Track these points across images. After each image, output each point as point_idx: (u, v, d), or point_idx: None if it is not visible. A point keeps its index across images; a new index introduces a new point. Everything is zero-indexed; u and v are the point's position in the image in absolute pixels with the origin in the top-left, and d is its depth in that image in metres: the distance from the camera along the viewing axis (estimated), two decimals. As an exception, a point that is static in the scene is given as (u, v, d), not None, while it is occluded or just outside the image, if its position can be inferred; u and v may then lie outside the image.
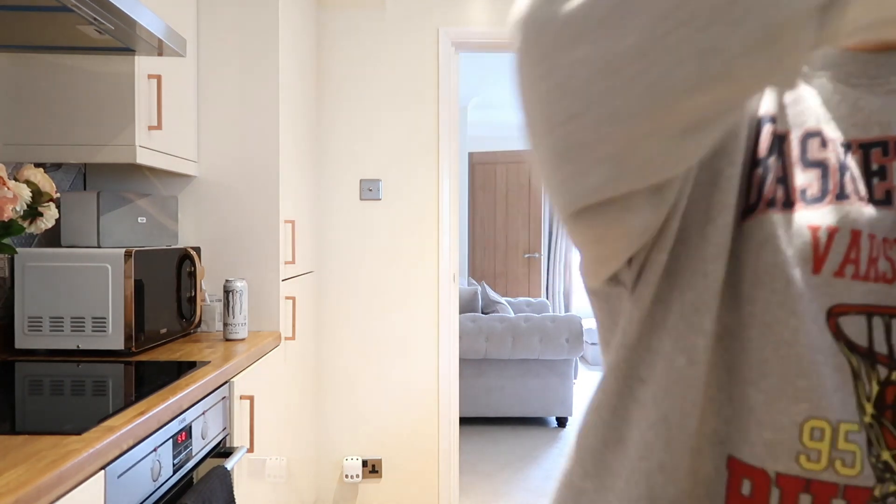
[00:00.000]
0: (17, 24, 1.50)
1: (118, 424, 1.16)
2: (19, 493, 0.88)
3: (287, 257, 2.34)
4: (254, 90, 2.24)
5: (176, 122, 2.04)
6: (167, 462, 1.33)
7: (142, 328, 1.76)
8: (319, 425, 2.99)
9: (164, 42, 1.59)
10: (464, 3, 2.97)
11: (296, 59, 2.47)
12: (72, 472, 1.00)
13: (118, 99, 1.80)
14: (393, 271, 2.99)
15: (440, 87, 2.97)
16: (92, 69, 1.80)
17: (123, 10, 1.37)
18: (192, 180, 2.23)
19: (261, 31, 2.23)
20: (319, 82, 2.93)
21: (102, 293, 1.71)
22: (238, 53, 2.22)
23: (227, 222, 2.24)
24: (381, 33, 2.96)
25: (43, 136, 1.81)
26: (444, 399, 3.01)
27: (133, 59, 1.79)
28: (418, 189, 2.98)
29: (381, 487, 3.01)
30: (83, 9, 1.35)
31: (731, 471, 0.51)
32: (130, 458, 1.18)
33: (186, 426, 1.43)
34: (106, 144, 1.79)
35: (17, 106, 1.81)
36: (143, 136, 1.82)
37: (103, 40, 1.58)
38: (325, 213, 2.97)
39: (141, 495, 1.22)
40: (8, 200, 1.49)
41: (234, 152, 2.24)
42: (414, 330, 3.00)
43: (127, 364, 1.66)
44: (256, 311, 2.23)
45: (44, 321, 1.71)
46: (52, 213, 1.65)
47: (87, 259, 1.72)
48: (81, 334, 1.72)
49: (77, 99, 1.80)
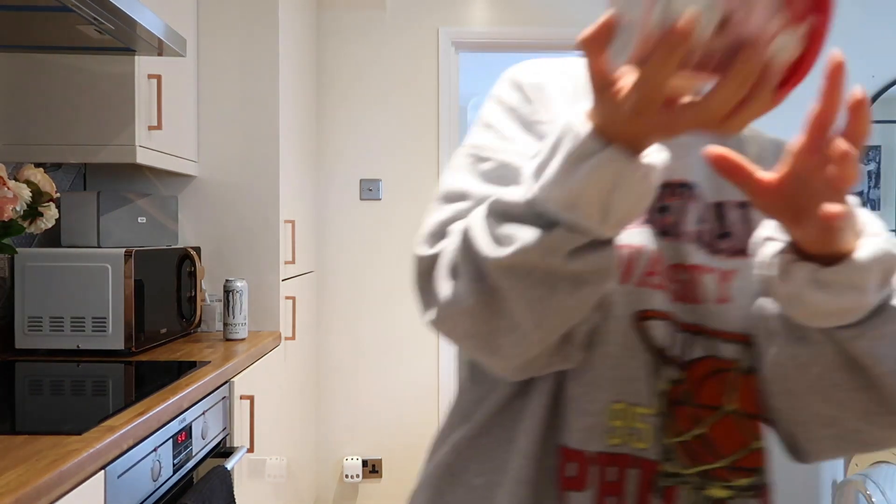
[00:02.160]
0: (17, 24, 1.50)
1: (118, 424, 1.16)
2: (19, 493, 0.88)
3: (287, 257, 2.34)
4: (254, 90, 2.23)
5: (176, 122, 2.04)
6: (167, 462, 1.33)
7: (142, 328, 1.76)
8: (319, 425, 2.99)
9: (164, 42, 1.59)
10: (464, 3, 2.97)
11: (296, 58, 2.47)
12: (72, 472, 1.00)
13: (118, 99, 1.79)
14: (393, 271, 2.99)
15: (440, 87, 2.97)
16: (92, 69, 1.80)
17: (123, 10, 1.37)
18: (192, 180, 2.23)
19: (261, 31, 2.23)
20: (319, 82, 2.93)
21: (102, 293, 1.71)
22: (238, 53, 2.22)
23: (227, 222, 2.24)
24: (382, 33, 2.95)
25: (43, 136, 1.81)
26: (445, 399, 3.01)
27: (133, 59, 1.78)
28: (418, 189, 2.98)
29: (381, 487, 3.01)
30: (83, 9, 1.34)
31: (560, 456, 0.60)
32: (130, 458, 1.18)
33: (186, 426, 1.43)
34: (106, 144, 1.79)
35: (17, 106, 1.81)
36: (143, 136, 1.82)
37: (103, 40, 1.58)
38: (325, 213, 2.97)
39: (141, 495, 1.22)
40: (8, 200, 1.49)
41: (234, 152, 2.23)
42: (414, 329, 3.00)
43: (127, 364, 1.66)
44: (256, 311, 2.23)
45: (44, 321, 1.71)
46: (52, 213, 1.65)
47: (86, 259, 1.72)
48: (81, 334, 1.71)
49: (77, 99, 1.80)
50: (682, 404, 0.60)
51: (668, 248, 0.62)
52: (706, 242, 0.63)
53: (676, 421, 0.60)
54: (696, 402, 0.60)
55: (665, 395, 0.60)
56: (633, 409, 0.59)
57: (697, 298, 0.61)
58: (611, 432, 0.58)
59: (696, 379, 0.60)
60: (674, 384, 0.60)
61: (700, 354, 0.60)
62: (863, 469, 2.30)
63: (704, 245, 0.63)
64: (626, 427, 0.59)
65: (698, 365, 0.60)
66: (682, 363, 0.60)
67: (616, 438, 0.58)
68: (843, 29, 2.76)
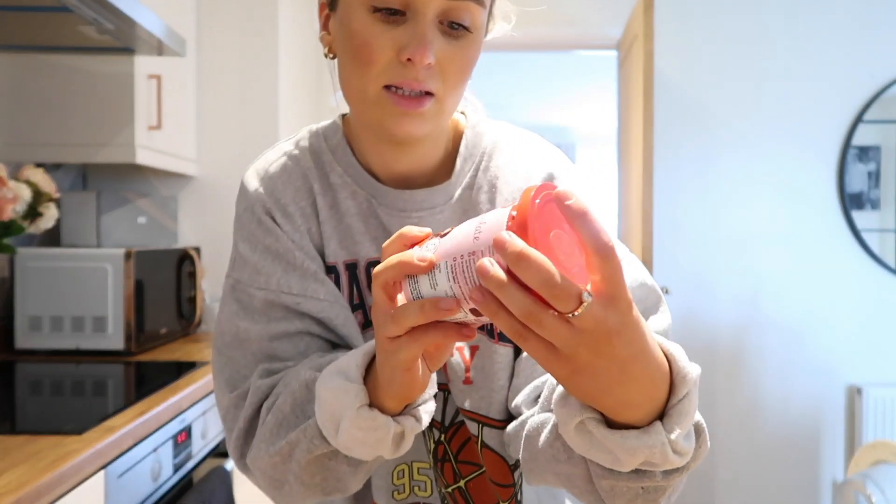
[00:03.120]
0: (17, 24, 1.50)
1: (118, 424, 1.16)
2: (19, 493, 0.88)
3: (287, 257, 2.34)
4: (254, 90, 2.23)
5: (176, 122, 2.04)
6: (167, 462, 1.33)
7: (142, 328, 1.76)
8: (319, 425, 2.99)
9: (163, 42, 1.59)
10: (464, 3, 2.97)
11: (296, 58, 2.47)
12: (72, 472, 1.00)
13: (118, 99, 1.79)
14: (393, 271, 2.99)
15: (440, 87, 2.96)
16: (92, 69, 1.80)
17: (123, 10, 1.37)
18: (191, 180, 2.23)
19: (261, 30, 2.23)
20: (319, 82, 2.93)
21: (102, 293, 1.71)
22: (238, 53, 2.22)
23: (227, 222, 2.22)
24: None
25: (43, 136, 1.81)
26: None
27: (133, 59, 1.78)
28: (418, 189, 2.98)
29: (381, 487, 3.01)
30: (83, 9, 1.34)
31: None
32: (130, 458, 1.18)
33: (186, 426, 1.43)
34: (106, 144, 1.79)
35: (17, 106, 1.81)
36: (142, 136, 1.82)
37: (103, 40, 1.58)
38: (325, 213, 2.97)
39: (141, 496, 1.22)
40: (8, 200, 1.49)
41: (234, 152, 2.23)
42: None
43: (127, 364, 1.66)
44: (256, 311, 2.23)
45: (44, 321, 1.71)
46: (52, 213, 1.65)
47: (87, 259, 1.72)
48: (81, 334, 1.71)
49: (77, 99, 1.80)
50: (447, 461, 0.70)
51: None
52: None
53: (444, 474, 0.70)
54: (459, 460, 0.70)
55: (433, 453, 0.70)
56: (414, 465, 0.71)
57: (448, 377, 0.69)
58: (398, 489, 0.71)
59: (456, 441, 0.70)
60: (437, 444, 0.70)
61: (458, 419, 0.70)
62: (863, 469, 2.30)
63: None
64: (410, 481, 0.71)
65: (457, 429, 0.70)
66: (442, 427, 0.70)
67: (402, 494, 0.71)
68: (844, 29, 2.76)
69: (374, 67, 0.61)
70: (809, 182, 2.78)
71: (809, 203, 2.78)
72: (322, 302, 0.67)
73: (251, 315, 0.68)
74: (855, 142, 2.76)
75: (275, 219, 0.69)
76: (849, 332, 2.77)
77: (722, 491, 2.80)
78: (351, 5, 0.62)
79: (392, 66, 0.61)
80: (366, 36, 0.60)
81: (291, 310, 0.67)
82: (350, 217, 0.70)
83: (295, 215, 0.70)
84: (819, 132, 2.77)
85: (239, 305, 0.69)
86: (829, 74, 2.76)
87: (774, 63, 2.76)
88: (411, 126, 0.63)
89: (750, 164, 2.78)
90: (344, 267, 0.70)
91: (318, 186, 0.71)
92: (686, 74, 2.78)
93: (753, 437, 2.79)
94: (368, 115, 0.64)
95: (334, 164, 0.72)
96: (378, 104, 0.62)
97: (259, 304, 0.67)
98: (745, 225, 2.78)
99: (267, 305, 0.67)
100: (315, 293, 0.67)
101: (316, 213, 0.71)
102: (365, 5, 0.60)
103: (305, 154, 0.72)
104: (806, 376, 2.79)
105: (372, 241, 0.70)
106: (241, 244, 0.70)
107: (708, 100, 2.78)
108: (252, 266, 0.69)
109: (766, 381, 2.79)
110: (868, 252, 2.76)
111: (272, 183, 0.71)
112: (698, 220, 2.80)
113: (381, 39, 0.60)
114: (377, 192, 0.70)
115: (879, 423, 2.71)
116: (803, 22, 2.75)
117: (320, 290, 0.67)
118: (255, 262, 0.68)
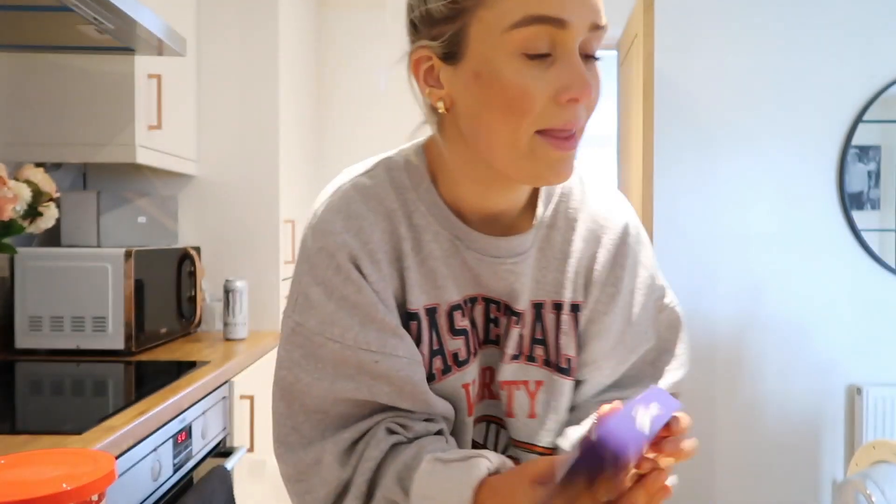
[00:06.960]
0: (17, 24, 1.50)
1: (118, 424, 1.16)
2: (19, 493, 0.88)
3: (287, 257, 2.34)
4: (254, 90, 2.23)
5: (176, 122, 2.04)
6: (167, 462, 1.33)
7: (142, 328, 1.76)
8: (319, 425, 2.98)
9: (163, 42, 1.59)
10: (464, 3, 2.96)
11: (296, 58, 2.47)
12: (72, 472, 0.99)
13: (118, 99, 1.79)
14: (393, 271, 2.99)
15: (440, 87, 2.96)
16: (92, 69, 1.80)
17: (123, 10, 1.37)
18: (191, 180, 2.23)
19: (261, 30, 2.23)
20: (319, 82, 2.93)
21: (102, 293, 1.71)
22: (238, 53, 2.22)
23: (227, 222, 2.24)
24: (382, 33, 2.95)
25: (43, 136, 1.81)
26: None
27: (133, 58, 1.78)
28: (418, 189, 2.98)
29: (381, 487, 3.01)
30: (83, 9, 1.34)
31: None
32: (130, 458, 1.18)
33: (186, 426, 1.43)
34: (106, 144, 1.79)
35: (17, 106, 1.81)
36: (142, 136, 1.82)
37: (103, 40, 1.57)
38: (325, 213, 2.96)
39: (141, 495, 1.22)
40: (8, 200, 1.49)
41: (234, 152, 2.23)
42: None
43: (127, 364, 1.66)
44: (256, 311, 2.23)
45: (44, 321, 1.71)
46: (52, 213, 1.65)
47: (87, 259, 1.72)
48: (81, 334, 1.71)
49: (77, 99, 1.80)
50: None
51: (491, 359, 0.73)
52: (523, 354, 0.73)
53: None
54: None
55: None
56: None
57: (512, 413, 0.72)
58: None
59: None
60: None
61: (508, 451, 0.74)
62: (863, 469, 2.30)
63: (519, 357, 0.73)
64: None
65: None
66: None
67: None
68: (844, 29, 2.76)
69: (531, 115, 0.59)
70: (809, 182, 2.78)
71: (809, 203, 2.78)
72: (401, 359, 0.64)
73: (316, 366, 0.64)
74: (855, 142, 2.76)
75: (360, 268, 0.65)
76: (849, 332, 2.77)
77: (722, 490, 2.80)
78: (496, 55, 0.59)
79: (547, 110, 0.59)
80: (523, 84, 0.58)
81: (364, 370, 0.63)
82: (433, 260, 0.68)
83: (382, 263, 0.66)
84: (819, 132, 2.77)
85: (302, 353, 0.65)
86: (829, 74, 2.76)
87: (774, 63, 2.76)
88: (566, 168, 0.62)
89: (750, 164, 2.78)
90: (424, 312, 0.68)
91: (403, 230, 0.67)
92: (686, 74, 2.78)
93: (753, 437, 2.79)
94: (518, 165, 0.61)
95: (418, 203, 0.69)
96: (532, 152, 0.60)
97: (329, 356, 0.64)
98: (745, 225, 2.78)
99: (338, 361, 0.64)
100: (394, 350, 0.64)
101: (400, 259, 0.67)
102: (515, 53, 0.58)
103: (388, 191, 0.69)
104: (806, 376, 2.79)
105: (454, 285, 0.68)
106: (314, 288, 0.65)
107: (708, 100, 2.78)
108: (324, 314, 0.64)
109: (766, 380, 2.79)
110: (868, 252, 2.76)
111: (358, 225, 0.66)
112: (698, 219, 2.80)
113: (539, 84, 0.58)
114: (463, 234, 0.68)
115: (879, 423, 2.71)
116: (803, 22, 2.75)
117: (399, 347, 0.64)
118: (329, 312, 0.64)
